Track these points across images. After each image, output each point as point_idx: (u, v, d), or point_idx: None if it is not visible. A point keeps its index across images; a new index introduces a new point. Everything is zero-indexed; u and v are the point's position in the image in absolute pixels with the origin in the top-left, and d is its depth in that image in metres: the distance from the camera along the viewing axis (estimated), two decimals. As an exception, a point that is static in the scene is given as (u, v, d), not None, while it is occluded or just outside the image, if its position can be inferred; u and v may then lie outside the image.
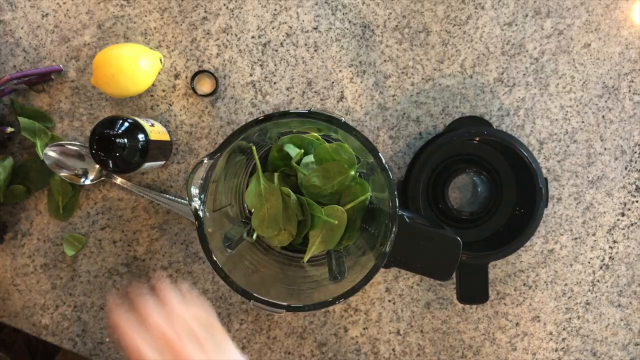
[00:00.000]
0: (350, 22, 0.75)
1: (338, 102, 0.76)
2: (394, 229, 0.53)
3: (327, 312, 0.77)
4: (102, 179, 0.75)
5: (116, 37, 0.75)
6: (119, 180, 0.75)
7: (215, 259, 0.54)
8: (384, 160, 0.53)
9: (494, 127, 0.75)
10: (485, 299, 0.73)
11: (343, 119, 0.53)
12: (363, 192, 0.64)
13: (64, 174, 0.74)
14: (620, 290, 0.78)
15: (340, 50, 0.75)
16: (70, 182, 0.75)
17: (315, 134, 0.66)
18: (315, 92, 0.76)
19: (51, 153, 0.74)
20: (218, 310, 0.77)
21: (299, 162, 0.64)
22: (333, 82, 0.76)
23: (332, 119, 0.53)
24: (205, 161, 0.53)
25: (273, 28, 0.75)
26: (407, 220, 0.53)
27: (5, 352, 0.95)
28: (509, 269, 0.77)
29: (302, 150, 0.63)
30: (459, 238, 0.54)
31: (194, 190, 0.53)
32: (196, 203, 0.54)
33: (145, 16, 0.75)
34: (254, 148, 0.61)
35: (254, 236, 0.66)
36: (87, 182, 0.75)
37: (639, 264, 0.77)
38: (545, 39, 0.75)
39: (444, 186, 0.74)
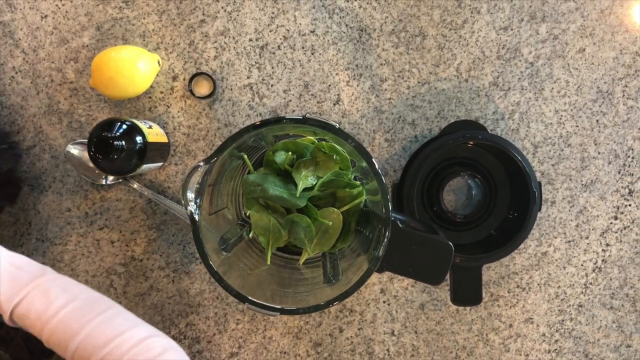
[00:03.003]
0: (347, 25, 0.76)
1: (334, 105, 0.76)
2: (386, 234, 0.54)
3: (322, 313, 0.78)
4: (120, 180, 0.75)
5: (115, 39, 0.76)
6: (135, 185, 0.75)
7: (210, 262, 0.55)
8: (377, 166, 0.54)
9: (489, 130, 0.75)
10: (478, 300, 0.74)
11: (337, 125, 0.54)
12: (358, 195, 0.65)
13: (85, 173, 0.75)
14: (613, 293, 0.78)
15: (337, 54, 0.76)
16: (91, 182, 0.76)
17: (311, 138, 0.67)
18: (312, 94, 0.76)
19: (74, 151, 0.74)
20: (215, 310, 0.78)
21: (292, 165, 0.65)
22: (330, 85, 0.76)
23: (327, 125, 0.53)
24: (201, 166, 0.54)
25: (270, 31, 0.76)
26: (400, 225, 0.54)
27: (4, 349, 0.95)
28: (502, 271, 0.78)
29: (290, 153, 0.64)
30: (450, 243, 0.55)
31: (190, 195, 0.54)
32: (192, 207, 0.54)
33: (144, 18, 0.76)
34: (245, 156, 0.62)
35: (251, 234, 0.67)
36: (108, 182, 0.75)
37: (631, 267, 0.78)
38: (541, 44, 0.76)
39: (439, 189, 0.74)
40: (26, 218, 0.77)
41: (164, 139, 0.74)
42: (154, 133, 0.70)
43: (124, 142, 0.65)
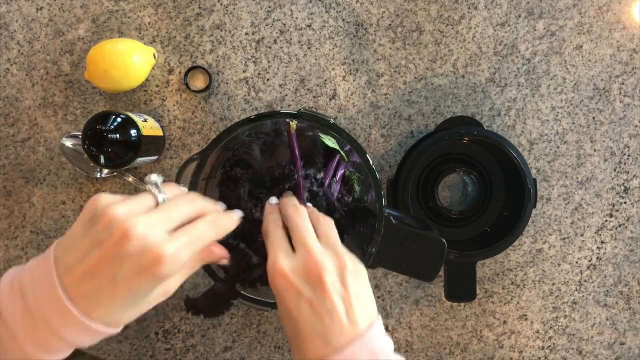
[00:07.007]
0: (344, 20, 0.76)
1: (331, 100, 0.76)
2: (380, 230, 0.53)
3: (316, 308, 0.78)
4: (115, 173, 0.75)
5: (110, 31, 0.76)
6: (131, 178, 0.75)
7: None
8: (371, 162, 0.54)
9: (485, 127, 0.75)
10: (473, 297, 0.74)
11: (332, 120, 0.53)
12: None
13: (80, 166, 0.75)
14: (607, 291, 0.79)
15: (333, 49, 0.76)
16: (86, 175, 0.75)
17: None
18: (308, 89, 0.76)
19: (68, 144, 0.74)
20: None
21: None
22: (326, 80, 0.76)
23: (322, 120, 0.53)
24: (194, 160, 0.54)
25: (267, 25, 0.75)
26: (394, 221, 0.54)
27: None
28: (497, 267, 0.78)
29: None
30: (444, 240, 0.55)
31: (183, 189, 0.54)
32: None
33: (140, 11, 0.75)
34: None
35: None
36: (103, 175, 0.75)
37: (626, 265, 0.78)
38: (538, 40, 0.76)
39: (434, 185, 0.74)
40: (21, 211, 0.77)
41: (159, 133, 0.74)
42: (149, 127, 0.70)
43: (118, 136, 0.65)
